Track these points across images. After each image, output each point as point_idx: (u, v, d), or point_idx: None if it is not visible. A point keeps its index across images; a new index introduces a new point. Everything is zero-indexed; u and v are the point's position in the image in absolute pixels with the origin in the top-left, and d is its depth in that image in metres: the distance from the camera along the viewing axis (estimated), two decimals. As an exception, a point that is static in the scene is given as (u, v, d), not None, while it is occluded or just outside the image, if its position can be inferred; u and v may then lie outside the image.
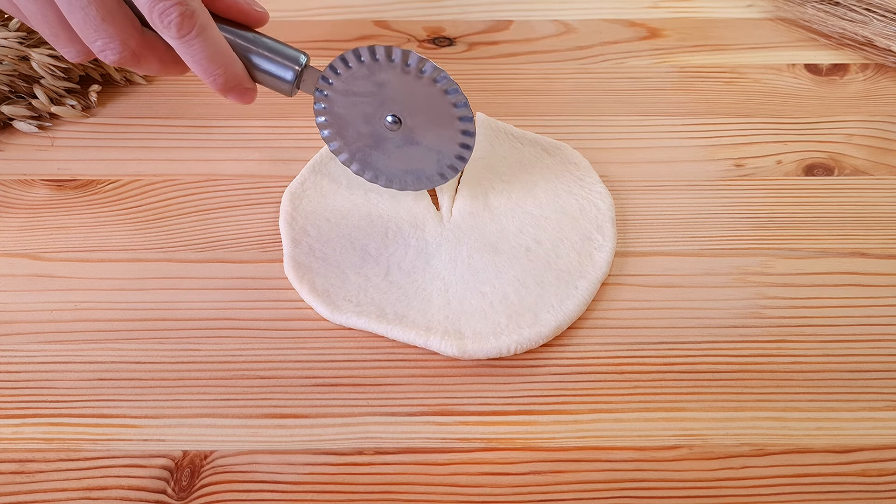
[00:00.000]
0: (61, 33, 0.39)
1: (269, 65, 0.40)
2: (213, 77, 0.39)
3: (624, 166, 0.49)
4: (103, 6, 0.37)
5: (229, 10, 0.40)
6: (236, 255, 0.45)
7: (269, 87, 0.42)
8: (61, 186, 0.48)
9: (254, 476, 0.37)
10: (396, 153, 0.44)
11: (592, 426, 0.38)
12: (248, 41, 0.40)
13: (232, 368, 0.40)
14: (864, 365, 0.40)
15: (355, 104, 0.42)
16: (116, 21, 0.37)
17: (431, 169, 0.44)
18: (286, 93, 0.42)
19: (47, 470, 0.37)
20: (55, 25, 0.38)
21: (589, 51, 0.56)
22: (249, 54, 0.40)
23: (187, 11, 0.36)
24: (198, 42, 0.37)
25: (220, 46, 0.39)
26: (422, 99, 0.41)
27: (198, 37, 0.37)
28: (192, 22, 0.37)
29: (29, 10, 0.38)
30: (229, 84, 0.40)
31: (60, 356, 0.40)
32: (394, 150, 0.43)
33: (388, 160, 0.44)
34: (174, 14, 0.36)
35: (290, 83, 0.41)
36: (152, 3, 0.36)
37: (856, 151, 0.50)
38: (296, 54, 0.41)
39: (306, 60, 0.41)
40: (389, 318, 0.41)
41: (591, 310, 0.42)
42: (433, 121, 0.42)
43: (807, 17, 0.58)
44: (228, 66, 0.39)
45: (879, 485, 0.36)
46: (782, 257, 0.45)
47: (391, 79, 0.40)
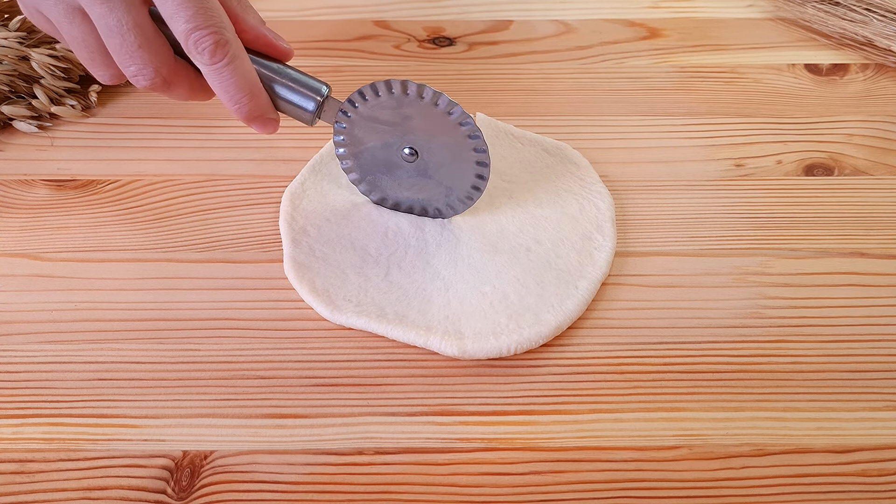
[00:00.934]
0: (98, 57, 0.40)
1: (292, 95, 0.41)
2: (239, 105, 0.40)
3: (624, 166, 0.49)
4: (141, 33, 0.38)
5: (257, 41, 0.41)
6: (236, 255, 0.45)
7: (291, 115, 0.42)
8: (61, 186, 0.48)
9: (254, 476, 0.37)
10: (408, 182, 0.44)
11: (592, 426, 0.38)
12: (272, 71, 0.41)
13: (232, 368, 0.40)
14: (864, 365, 0.40)
15: (374, 132, 0.42)
16: (152, 48, 0.38)
17: (440, 202, 0.44)
18: (307, 122, 0.42)
19: (47, 470, 0.37)
20: (94, 50, 0.40)
21: (589, 51, 0.56)
22: (274, 84, 0.41)
23: (222, 40, 0.38)
24: (227, 70, 0.38)
25: (248, 77, 0.39)
26: (441, 135, 0.42)
27: (228, 65, 0.38)
28: (225, 50, 0.38)
29: (70, 34, 0.39)
30: (254, 113, 0.40)
31: (60, 356, 0.40)
32: (406, 179, 0.44)
33: (399, 187, 0.45)
34: (209, 42, 0.37)
35: (312, 113, 0.42)
36: (189, 30, 0.37)
37: (856, 151, 0.50)
38: (318, 85, 0.42)
39: (328, 91, 0.42)
40: (389, 317, 0.41)
41: (591, 310, 0.42)
42: (450, 158, 0.42)
43: (807, 17, 0.58)
44: (254, 96, 0.40)
45: (879, 485, 0.36)
46: (782, 257, 0.45)
47: (413, 112, 0.41)
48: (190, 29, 0.37)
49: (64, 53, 0.51)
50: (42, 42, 0.51)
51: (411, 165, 0.43)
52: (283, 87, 0.41)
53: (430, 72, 0.55)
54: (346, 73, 0.55)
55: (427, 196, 0.44)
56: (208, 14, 0.37)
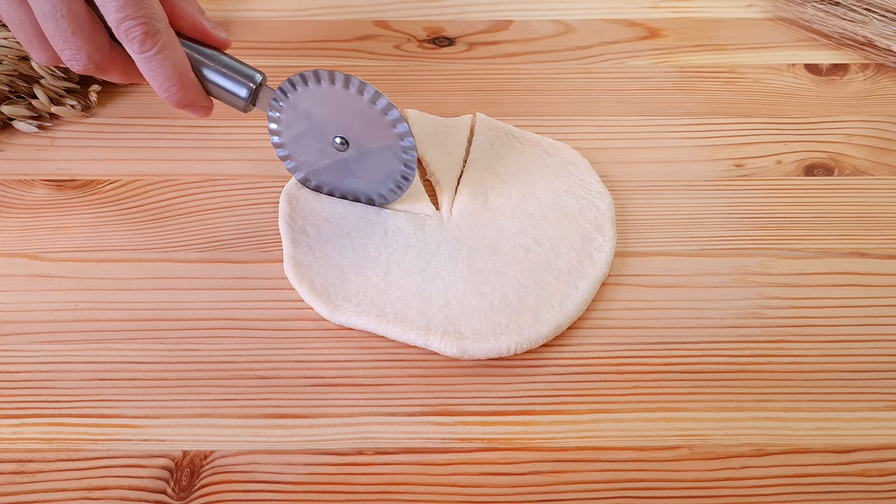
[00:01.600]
0: (35, 40, 0.41)
1: (224, 81, 0.42)
2: (168, 94, 0.41)
3: (624, 166, 0.49)
4: (75, 20, 0.38)
5: (193, 30, 0.42)
6: (236, 255, 0.45)
7: (225, 102, 0.43)
8: (61, 186, 0.48)
9: (254, 476, 0.37)
10: (345, 171, 0.45)
11: (592, 426, 0.38)
12: (206, 58, 0.42)
13: (232, 368, 0.40)
14: (864, 365, 0.40)
15: (306, 123, 0.43)
16: (86, 35, 0.39)
17: (371, 190, 0.45)
18: (241, 109, 0.43)
19: (47, 470, 0.37)
20: (30, 33, 0.40)
21: (589, 51, 0.56)
22: (206, 70, 0.42)
23: (151, 30, 0.38)
24: (157, 59, 0.39)
25: (178, 66, 0.40)
26: (366, 123, 0.42)
27: (158, 55, 0.39)
28: (155, 40, 0.39)
29: (9, 16, 0.40)
30: (183, 101, 0.41)
31: (60, 356, 0.40)
32: (342, 169, 0.45)
33: (338, 177, 0.45)
34: (139, 32, 0.38)
35: (245, 100, 0.42)
36: (120, 20, 0.38)
37: (856, 151, 0.50)
38: (252, 73, 0.42)
39: (262, 79, 0.42)
40: (389, 317, 0.41)
41: (591, 310, 0.42)
42: (377, 145, 0.43)
43: (807, 17, 0.58)
44: (184, 85, 0.41)
45: (879, 485, 0.36)
46: (782, 257, 0.45)
47: (343, 103, 0.42)
48: (120, 18, 0.38)
49: (64, 53, 0.51)
50: (42, 42, 0.51)
51: (345, 154, 0.44)
52: (215, 73, 0.42)
53: (430, 72, 0.55)
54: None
55: (358, 185, 0.45)
56: (139, 4, 0.38)
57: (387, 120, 0.42)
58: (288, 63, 0.55)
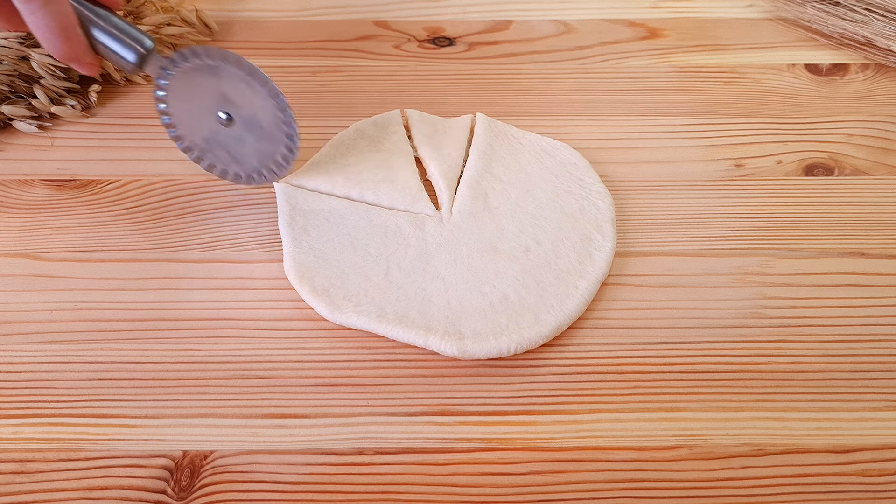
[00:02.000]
0: None
1: (113, 42, 0.43)
2: (52, 46, 0.41)
3: (624, 166, 0.49)
4: None
5: None
6: (236, 255, 0.45)
7: (114, 63, 0.44)
8: (61, 186, 0.48)
9: (254, 476, 0.37)
10: (229, 146, 0.46)
11: (592, 426, 0.38)
12: (96, 16, 0.43)
13: (232, 368, 0.40)
14: (864, 365, 0.40)
15: (193, 97, 0.44)
16: None
17: (258, 164, 0.46)
18: (129, 71, 0.44)
19: (47, 470, 0.37)
20: None
21: (589, 51, 0.56)
22: (94, 29, 0.43)
23: None
24: (41, 12, 0.40)
25: (64, 20, 0.41)
26: (249, 99, 0.43)
27: (42, 8, 0.40)
28: None
29: None
30: (68, 54, 0.42)
31: (60, 356, 0.40)
32: (227, 144, 0.45)
33: (221, 152, 0.46)
34: None
35: (133, 64, 0.43)
36: None
37: (856, 151, 0.50)
38: (141, 37, 0.43)
39: (152, 46, 0.43)
40: (389, 317, 0.41)
41: (591, 310, 0.42)
42: (260, 121, 0.44)
43: (807, 17, 0.58)
44: (69, 38, 0.41)
45: (879, 485, 0.36)
46: (782, 257, 0.45)
47: (224, 78, 0.43)
48: None
49: (64, 53, 0.51)
50: (42, 42, 0.51)
51: (230, 130, 0.45)
52: (104, 33, 0.43)
53: (430, 72, 0.55)
54: (346, 73, 0.55)
55: (248, 161, 0.46)
56: None
57: (266, 92, 0.43)
58: (288, 63, 0.55)
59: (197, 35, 0.56)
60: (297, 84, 0.54)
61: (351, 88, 0.54)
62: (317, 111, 0.52)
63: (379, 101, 0.53)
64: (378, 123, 0.50)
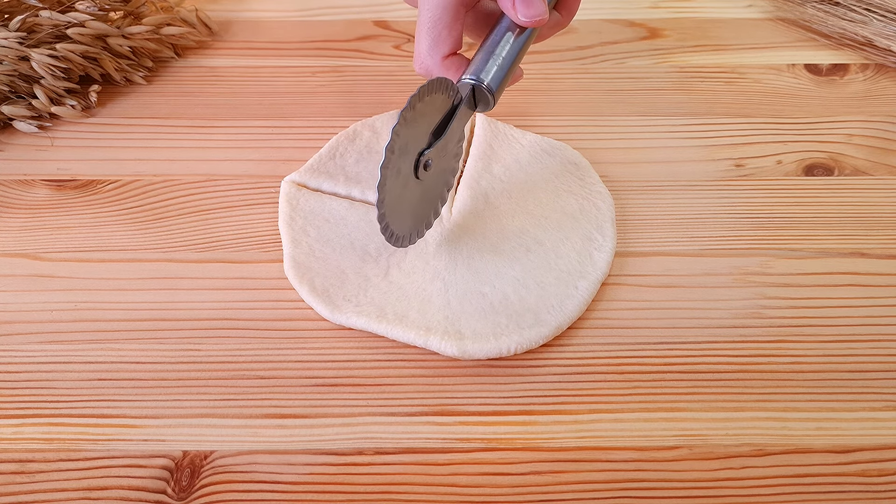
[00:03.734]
0: None
1: None
2: None
3: (624, 166, 0.49)
4: None
5: None
6: (236, 255, 0.45)
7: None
8: (61, 186, 0.48)
9: (254, 476, 0.37)
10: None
11: (592, 426, 0.38)
12: None
13: (232, 368, 0.40)
14: (864, 365, 0.40)
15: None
16: None
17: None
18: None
19: (47, 470, 0.37)
20: None
21: (589, 51, 0.56)
22: None
23: None
24: None
25: None
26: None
27: None
28: None
29: None
30: None
31: (60, 356, 0.40)
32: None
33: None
34: None
35: None
36: None
37: (856, 151, 0.50)
38: None
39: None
40: (389, 318, 0.41)
41: (591, 310, 0.42)
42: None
43: (807, 17, 0.58)
44: None
45: (879, 485, 0.36)
46: (782, 257, 0.45)
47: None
48: None
49: (64, 53, 0.51)
50: (42, 42, 0.51)
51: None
52: None
53: (430, 72, 0.55)
54: (347, 73, 0.55)
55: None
56: None
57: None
58: (288, 63, 0.55)
59: (197, 35, 0.56)
60: (297, 84, 0.54)
61: (351, 88, 0.54)
62: (317, 111, 0.52)
63: (379, 101, 0.53)
64: (378, 123, 0.50)
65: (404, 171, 0.39)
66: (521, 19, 0.40)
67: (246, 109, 0.52)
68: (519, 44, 0.41)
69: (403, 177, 0.39)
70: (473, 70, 0.41)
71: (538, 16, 0.40)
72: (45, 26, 0.51)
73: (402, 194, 0.40)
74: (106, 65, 0.53)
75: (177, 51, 0.56)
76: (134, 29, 0.53)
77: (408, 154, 0.39)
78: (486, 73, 0.40)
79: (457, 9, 0.40)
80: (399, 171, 0.39)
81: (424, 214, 0.43)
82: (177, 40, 0.56)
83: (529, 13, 0.40)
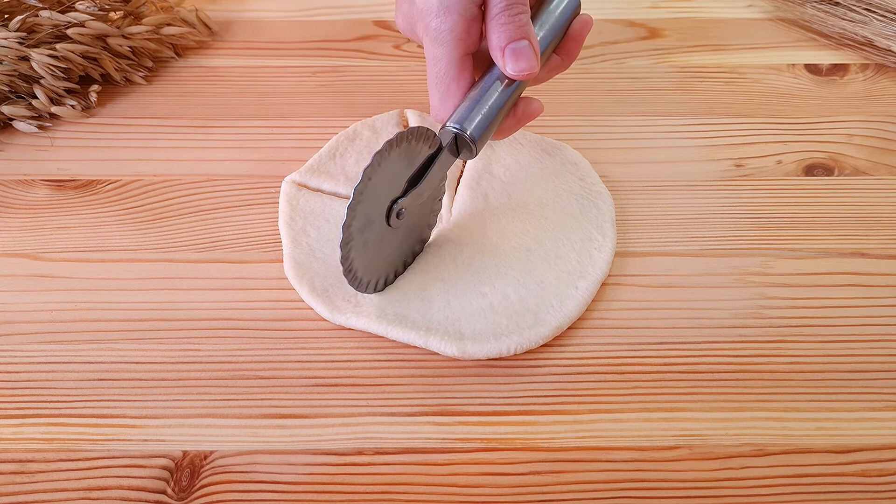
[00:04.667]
0: None
1: None
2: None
3: (624, 166, 0.49)
4: None
5: None
6: (236, 255, 0.45)
7: None
8: (61, 186, 0.48)
9: (254, 476, 0.37)
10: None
11: (592, 426, 0.38)
12: None
13: (232, 368, 0.40)
14: (864, 365, 0.40)
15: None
16: None
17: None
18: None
19: (47, 470, 0.37)
20: None
21: (589, 51, 0.56)
22: None
23: None
24: None
25: None
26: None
27: None
28: None
29: None
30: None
31: (60, 356, 0.40)
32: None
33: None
34: None
35: None
36: None
37: (856, 151, 0.50)
38: None
39: None
40: (389, 318, 0.41)
41: (591, 310, 0.42)
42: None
43: (807, 17, 0.58)
44: None
45: (879, 485, 0.36)
46: (782, 257, 0.45)
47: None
48: None
49: (64, 53, 0.51)
50: (42, 42, 0.51)
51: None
52: None
53: (430, 72, 0.55)
54: (346, 73, 0.55)
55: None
56: None
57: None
58: (288, 63, 0.55)
59: (197, 35, 0.56)
60: (297, 84, 0.54)
61: (351, 88, 0.54)
62: (317, 111, 0.52)
63: (379, 101, 0.53)
64: (378, 123, 0.50)
65: (375, 217, 0.39)
66: (510, 72, 0.39)
67: (246, 109, 0.52)
68: (507, 94, 0.40)
69: (373, 222, 0.39)
70: (457, 118, 0.40)
71: (527, 70, 0.39)
72: (45, 26, 0.51)
73: (370, 239, 0.39)
74: (106, 65, 0.53)
75: (177, 51, 0.56)
76: (134, 29, 0.53)
77: (378, 200, 0.39)
78: (469, 122, 0.40)
79: (461, 61, 0.40)
80: (369, 216, 0.39)
81: (394, 261, 0.42)
82: (177, 40, 0.56)
83: (518, 66, 0.39)
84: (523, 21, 0.39)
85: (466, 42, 0.40)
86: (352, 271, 0.39)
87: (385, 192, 0.39)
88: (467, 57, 0.41)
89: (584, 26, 0.43)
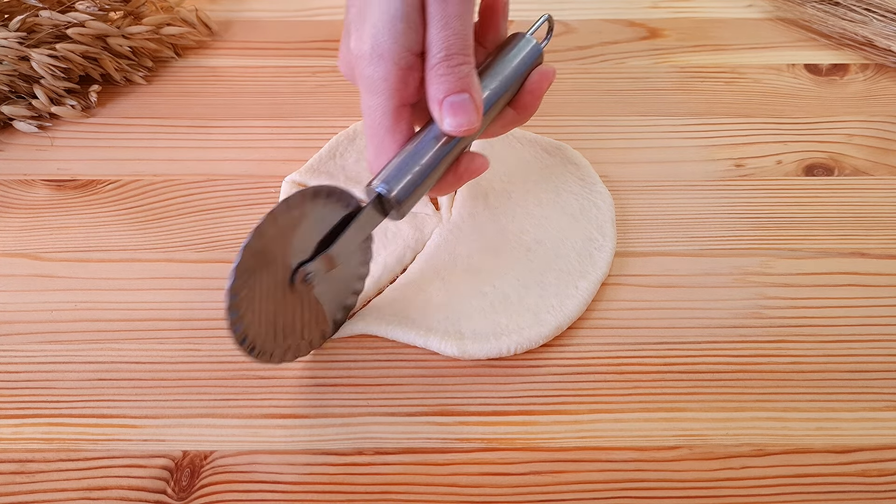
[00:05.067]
0: None
1: None
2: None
3: (624, 166, 0.49)
4: None
5: None
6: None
7: None
8: (61, 186, 0.48)
9: (254, 476, 0.37)
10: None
11: (592, 426, 0.38)
12: None
13: (232, 368, 0.40)
14: (864, 365, 0.40)
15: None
16: None
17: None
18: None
19: (47, 470, 0.37)
20: None
21: (589, 51, 0.56)
22: None
23: None
24: None
25: None
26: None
27: None
28: None
29: None
30: None
31: (60, 356, 0.40)
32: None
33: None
34: None
35: None
36: None
37: (856, 151, 0.50)
38: None
39: None
40: (389, 318, 0.41)
41: (591, 310, 0.42)
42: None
43: (807, 17, 0.58)
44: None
45: (879, 485, 0.36)
46: (782, 257, 0.45)
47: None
48: None
49: (64, 53, 0.51)
50: (42, 42, 0.51)
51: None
52: None
53: (430, 72, 0.55)
54: (346, 73, 0.55)
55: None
56: None
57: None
58: (288, 63, 0.55)
59: (197, 35, 0.56)
60: (297, 84, 0.54)
61: (351, 88, 0.54)
62: (317, 111, 0.52)
63: (379, 101, 0.52)
64: (378, 123, 0.50)
65: (279, 280, 0.36)
66: (447, 128, 0.36)
67: (246, 109, 0.52)
68: (446, 150, 0.37)
69: (273, 287, 0.35)
70: (385, 176, 0.36)
71: (466, 125, 0.36)
72: (45, 26, 0.51)
73: (268, 306, 0.35)
74: (106, 65, 0.53)
75: (177, 51, 0.56)
76: (134, 29, 0.53)
77: (277, 264, 0.35)
78: (396, 182, 0.36)
79: (397, 112, 0.37)
80: (264, 279, 0.35)
81: (307, 332, 0.38)
82: (177, 40, 0.56)
83: (456, 122, 0.36)
84: (464, 72, 0.36)
85: (402, 93, 0.36)
86: (247, 341, 0.35)
87: (285, 255, 0.36)
88: (404, 108, 0.37)
89: (542, 78, 0.40)
